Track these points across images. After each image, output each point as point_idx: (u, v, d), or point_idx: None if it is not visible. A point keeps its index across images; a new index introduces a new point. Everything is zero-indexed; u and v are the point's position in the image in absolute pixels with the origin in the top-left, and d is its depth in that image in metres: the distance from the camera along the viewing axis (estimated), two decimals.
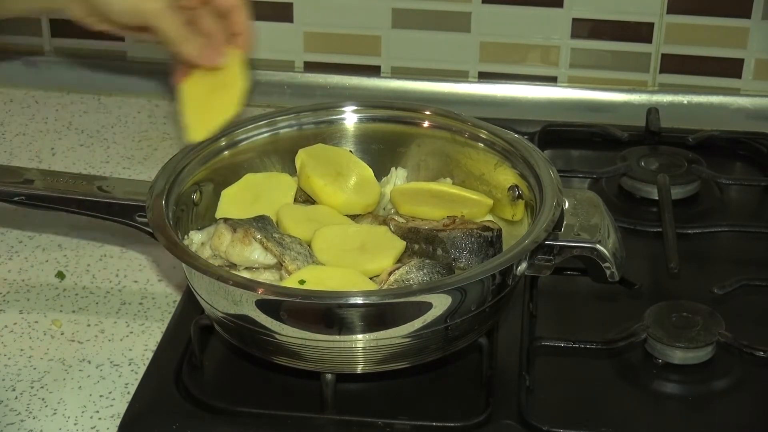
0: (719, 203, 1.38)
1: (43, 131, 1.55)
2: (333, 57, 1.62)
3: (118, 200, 1.15)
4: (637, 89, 1.59)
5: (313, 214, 1.16)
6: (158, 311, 1.21)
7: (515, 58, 1.60)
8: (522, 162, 1.16)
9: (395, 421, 1.03)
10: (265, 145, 1.22)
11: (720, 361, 1.11)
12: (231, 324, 1.05)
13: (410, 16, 1.59)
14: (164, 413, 1.04)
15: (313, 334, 1.01)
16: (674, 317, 1.13)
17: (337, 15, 1.60)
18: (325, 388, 1.04)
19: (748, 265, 1.26)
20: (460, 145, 1.22)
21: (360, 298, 0.99)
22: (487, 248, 1.11)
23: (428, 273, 1.05)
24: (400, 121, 1.24)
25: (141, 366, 1.13)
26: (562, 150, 1.49)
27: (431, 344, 1.04)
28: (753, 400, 1.09)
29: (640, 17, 1.55)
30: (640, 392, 1.09)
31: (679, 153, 1.43)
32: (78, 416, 1.07)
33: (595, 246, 1.07)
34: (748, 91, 1.58)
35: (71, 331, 1.18)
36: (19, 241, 1.32)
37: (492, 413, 1.04)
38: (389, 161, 1.24)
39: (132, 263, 1.29)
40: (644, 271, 1.25)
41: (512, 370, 1.08)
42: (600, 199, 1.13)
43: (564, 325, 1.17)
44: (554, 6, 1.56)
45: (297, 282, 1.04)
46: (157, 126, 1.57)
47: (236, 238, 1.08)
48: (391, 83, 1.62)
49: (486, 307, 1.05)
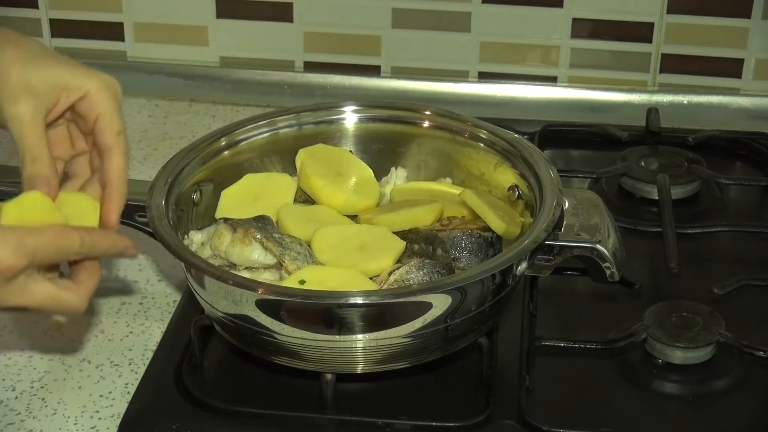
0: (719, 203, 1.38)
1: None
2: (333, 57, 1.63)
3: None
4: (637, 89, 1.59)
5: (313, 214, 1.16)
6: (158, 311, 1.21)
7: (515, 58, 1.60)
8: (522, 162, 1.16)
9: (395, 421, 1.03)
10: (265, 145, 1.22)
11: (720, 361, 1.11)
12: (231, 324, 1.05)
13: (410, 16, 1.59)
14: (164, 413, 1.04)
15: (313, 334, 1.01)
16: (674, 317, 1.13)
17: (337, 15, 1.60)
18: (325, 388, 1.04)
19: (748, 265, 1.26)
20: (460, 145, 1.22)
21: (360, 298, 0.99)
22: (487, 248, 1.11)
23: (428, 273, 1.05)
24: (400, 121, 1.24)
25: (141, 366, 1.13)
26: (562, 150, 1.49)
27: (431, 344, 1.04)
28: (753, 400, 1.09)
29: (640, 17, 1.55)
30: (640, 392, 1.09)
31: (679, 153, 1.43)
32: (78, 416, 1.07)
33: (595, 246, 1.07)
34: (748, 91, 1.58)
35: (71, 331, 1.18)
36: None
37: (492, 413, 1.04)
38: (389, 161, 1.24)
39: (132, 263, 1.28)
40: (644, 271, 1.25)
41: (512, 370, 1.08)
42: (600, 199, 1.13)
43: (564, 325, 1.17)
44: (554, 6, 1.56)
45: (297, 282, 1.04)
46: (157, 126, 1.56)
47: (236, 238, 1.08)
48: (391, 83, 1.62)
49: (486, 307, 1.05)
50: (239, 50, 1.64)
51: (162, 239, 1.06)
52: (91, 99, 1.00)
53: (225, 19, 1.62)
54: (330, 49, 1.62)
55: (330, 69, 1.62)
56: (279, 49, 1.63)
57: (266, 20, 1.61)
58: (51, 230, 0.90)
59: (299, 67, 1.63)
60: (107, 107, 1.01)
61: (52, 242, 0.90)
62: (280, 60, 1.63)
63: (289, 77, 1.63)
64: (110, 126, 1.00)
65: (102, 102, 1.00)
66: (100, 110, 1.00)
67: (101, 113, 1.00)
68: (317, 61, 1.63)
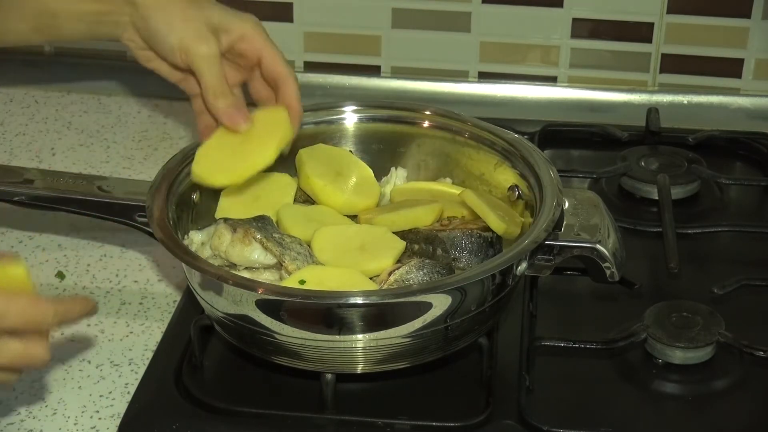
0: (719, 203, 1.38)
1: (43, 131, 1.54)
2: (333, 57, 1.62)
3: (118, 200, 1.15)
4: (637, 89, 1.59)
5: (313, 214, 1.16)
6: (158, 311, 1.21)
7: (515, 58, 1.60)
8: (522, 162, 1.16)
9: (395, 421, 1.03)
10: None
11: (720, 361, 1.11)
12: (231, 324, 1.05)
13: (410, 16, 1.59)
14: (164, 413, 1.04)
15: (313, 334, 1.01)
16: (674, 317, 1.13)
17: (337, 15, 1.60)
18: (325, 388, 1.04)
19: (748, 265, 1.26)
20: (460, 145, 1.22)
21: (360, 298, 0.99)
22: (487, 248, 1.11)
23: (428, 273, 1.05)
24: (400, 121, 1.24)
25: (141, 366, 1.13)
26: (562, 150, 1.49)
27: (431, 344, 1.04)
28: (753, 400, 1.09)
29: (640, 17, 1.55)
30: (640, 392, 1.09)
31: (679, 153, 1.43)
32: (78, 416, 1.07)
33: (595, 246, 1.07)
34: (748, 91, 1.58)
35: (71, 331, 1.18)
36: (19, 241, 1.32)
37: (492, 413, 1.04)
38: (389, 161, 1.24)
39: (132, 263, 1.29)
40: (644, 271, 1.25)
41: (512, 370, 1.08)
42: (600, 199, 1.13)
43: (564, 325, 1.17)
44: (554, 6, 1.56)
45: (297, 282, 1.04)
46: (157, 126, 1.56)
47: (236, 238, 1.08)
48: (391, 83, 1.62)
49: (486, 307, 1.05)
50: None
51: (162, 239, 1.06)
52: (250, 39, 1.12)
53: None
54: (330, 49, 1.62)
55: (330, 69, 1.62)
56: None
57: (266, 20, 1.59)
58: (24, 300, 0.90)
59: (299, 67, 1.63)
60: (267, 43, 1.13)
61: (23, 312, 0.90)
62: None
63: None
64: (279, 58, 1.13)
65: (260, 40, 1.13)
66: (261, 47, 1.13)
67: (264, 49, 1.13)
68: (317, 61, 1.63)
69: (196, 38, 1.10)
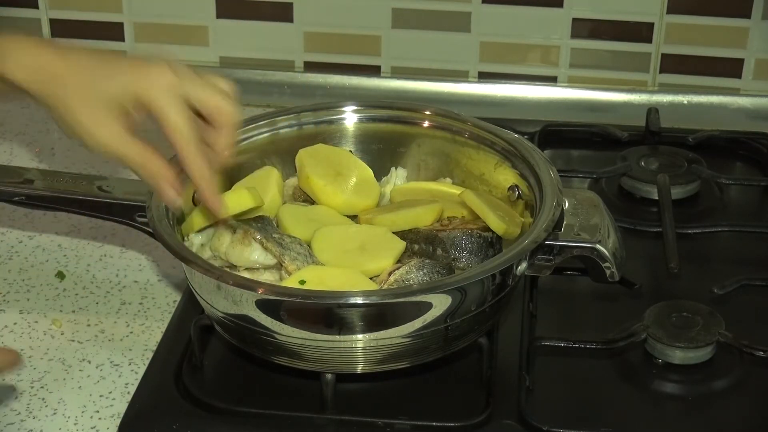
0: (719, 203, 1.38)
1: (43, 131, 1.54)
2: (333, 57, 1.63)
3: (118, 200, 1.15)
4: (637, 89, 1.59)
5: (313, 214, 1.16)
6: (158, 311, 1.21)
7: (515, 58, 1.60)
8: (522, 162, 1.16)
9: (395, 421, 1.03)
10: (265, 145, 1.22)
11: (720, 361, 1.11)
12: (231, 324, 1.05)
13: (410, 16, 1.59)
14: (164, 413, 1.04)
15: (313, 334, 1.01)
16: (674, 317, 1.13)
17: (337, 15, 1.60)
18: (325, 388, 1.04)
19: (748, 265, 1.26)
20: (460, 145, 1.22)
21: (360, 298, 0.99)
22: (487, 248, 1.11)
23: (428, 273, 1.05)
24: (400, 121, 1.24)
25: (141, 366, 1.13)
26: (562, 150, 1.49)
27: (431, 344, 1.04)
28: (753, 400, 1.09)
29: (640, 17, 1.55)
30: (640, 392, 1.09)
31: (679, 153, 1.43)
32: (78, 416, 1.07)
33: (595, 246, 1.07)
34: (748, 91, 1.58)
35: (71, 331, 1.18)
36: (19, 241, 1.32)
37: (492, 413, 1.04)
38: (389, 161, 1.24)
39: (132, 263, 1.29)
40: (644, 271, 1.25)
41: (512, 370, 1.08)
42: (600, 199, 1.13)
43: (564, 325, 1.17)
44: (554, 6, 1.56)
45: (297, 282, 1.04)
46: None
47: (236, 238, 1.08)
48: (391, 83, 1.62)
49: (486, 307, 1.05)
50: (239, 50, 1.64)
51: (162, 239, 1.06)
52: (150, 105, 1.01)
53: (225, 19, 1.62)
54: (330, 49, 1.62)
55: (330, 69, 1.62)
56: (279, 49, 1.63)
57: (266, 20, 1.61)
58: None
59: (299, 67, 1.63)
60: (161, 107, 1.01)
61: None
62: (280, 60, 1.63)
63: (289, 77, 1.63)
64: (165, 127, 1.01)
65: (156, 105, 1.01)
66: (157, 114, 1.01)
67: (157, 117, 1.01)
68: (317, 61, 1.63)
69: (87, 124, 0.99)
